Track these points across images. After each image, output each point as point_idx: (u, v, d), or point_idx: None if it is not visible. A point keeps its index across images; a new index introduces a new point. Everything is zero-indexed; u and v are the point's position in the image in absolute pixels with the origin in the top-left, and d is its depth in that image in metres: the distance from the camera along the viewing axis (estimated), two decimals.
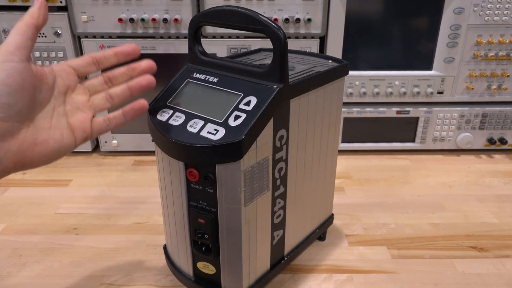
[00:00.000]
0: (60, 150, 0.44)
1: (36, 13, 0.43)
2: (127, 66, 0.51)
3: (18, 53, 0.40)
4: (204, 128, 0.44)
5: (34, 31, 0.43)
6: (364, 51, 0.90)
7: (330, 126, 0.58)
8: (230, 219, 0.46)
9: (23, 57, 0.41)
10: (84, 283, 0.59)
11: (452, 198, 0.80)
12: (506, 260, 0.63)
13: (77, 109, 0.47)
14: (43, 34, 0.86)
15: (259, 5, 0.84)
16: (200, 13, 0.49)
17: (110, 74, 0.51)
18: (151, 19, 0.84)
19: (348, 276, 0.60)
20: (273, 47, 0.44)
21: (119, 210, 0.76)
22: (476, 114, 0.94)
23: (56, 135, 0.44)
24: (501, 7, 0.84)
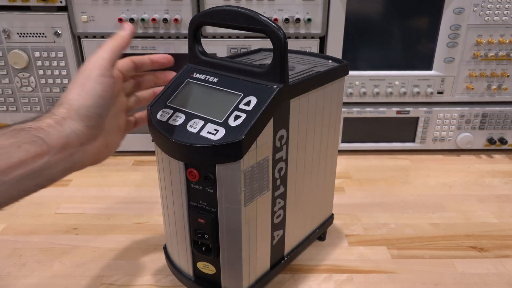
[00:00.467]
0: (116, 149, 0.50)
1: (127, 37, 0.49)
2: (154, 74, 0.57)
3: (111, 69, 0.45)
4: (204, 128, 0.44)
5: (121, 52, 0.48)
6: (364, 51, 0.90)
7: (330, 126, 0.58)
8: (230, 219, 0.46)
9: (113, 73, 0.45)
10: (84, 283, 0.59)
11: (452, 198, 0.80)
12: (506, 260, 0.63)
13: (121, 110, 0.51)
14: (43, 34, 0.86)
15: (259, 5, 0.84)
16: (200, 13, 0.49)
17: (140, 79, 0.56)
18: (151, 19, 0.84)
19: (348, 276, 0.60)
20: (273, 47, 0.44)
21: (119, 210, 0.76)
22: (476, 114, 0.94)
23: (116, 136, 0.50)
24: (501, 7, 0.84)
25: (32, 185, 0.40)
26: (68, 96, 0.43)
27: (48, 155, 0.40)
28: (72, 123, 0.42)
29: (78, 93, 0.43)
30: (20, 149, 0.38)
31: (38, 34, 0.86)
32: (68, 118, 0.42)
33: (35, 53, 0.87)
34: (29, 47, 0.86)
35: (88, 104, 0.43)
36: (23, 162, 0.38)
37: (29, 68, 0.88)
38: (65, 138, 0.41)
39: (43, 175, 0.40)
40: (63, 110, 0.42)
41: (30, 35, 0.86)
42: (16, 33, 0.85)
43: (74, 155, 0.43)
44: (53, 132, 0.41)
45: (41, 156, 0.39)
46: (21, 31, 0.85)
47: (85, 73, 0.44)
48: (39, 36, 0.86)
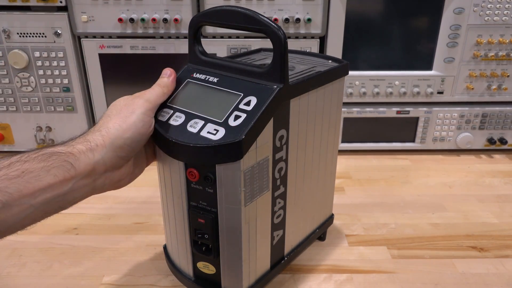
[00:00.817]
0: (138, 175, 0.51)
1: (171, 86, 0.50)
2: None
3: (153, 111, 0.47)
4: (204, 128, 0.44)
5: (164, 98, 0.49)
6: (364, 51, 0.90)
7: (330, 126, 0.58)
8: (230, 219, 0.46)
9: (153, 116, 0.47)
10: (84, 283, 0.59)
11: (452, 198, 0.80)
12: (506, 260, 0.63)
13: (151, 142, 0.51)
14: (43, 34, 0.86)
15: (259, 5, 0.84)
16: (200, 13, 0.49)
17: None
18: (151, 19, 0.84)
19: (348, 276, 0.60)
20: (273, 47, 0.44)
21: (119, 210, 0.76)
22: (476, 114, 0.94)
23: (141, 165, 0.51)
24: (501, 7, 0.84)
25: (55, 207, 0.41)
26: (109, 125, 0.44)
27: (74, 180, 0.41)
28: (104, 151, 0.43)
29: (119, 124, 0.44)
30: (49, 173, 0.40)
31: (38, 34, 0.86)
32: (102, 146, 0.43)
33: (35, 53, 0.87)
34: (29, 47, 0.86)
35: (126, 136, 0.44)
36: (51, 185, 0.40)
37: (29, 68, 0.88)
38: (92, 165, 0.42)
39: (66, 198, 0.42)
40: (98, 137, 0.43)
41: (30, 35, 0.86)
42: (16, 33, 0.85)
43: (97, 180, 0.44)
44: (82, 158, 0.42)
45: (68, 181, 0.41)
46: (21, 31, 0.85)
47: (130, 108, 0.45)
48: (39, 36, 0.86)
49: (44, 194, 0.39)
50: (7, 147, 0.96)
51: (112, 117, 0.45)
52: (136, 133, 0.45)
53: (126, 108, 0.46)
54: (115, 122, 0.44)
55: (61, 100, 0.91)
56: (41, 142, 0.94)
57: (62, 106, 0.92)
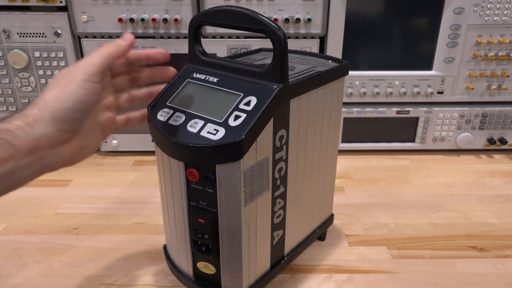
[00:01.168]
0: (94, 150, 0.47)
1: (125, 48, 0.46)
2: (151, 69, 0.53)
3: (98, 75, 0.43)
4: (204, 128, 0.44)
5: (114, 60, 0.45)
6: (364, 51, 0.90)
7: (330, 126, 0.58)
8: (230, 219, 0.46)
9: (100, 80, 0.43)
10: (84, 283, 0.59)
11: (452, 198, 0.80)
12: (506, 260, 0.63)
13: (106, 108, 0.49)
14: (43, 34, 0.86)
15: (259, 5, 0.84)
16: (200, 13, 0.49)
17: (136, 75, 0.52)
18: (151, 19, 0.84)
19: (348, 276, 0.60)
20: (273, 47, 0.44)
21: (119, 210, 0.76)
22: (476, 114, 0.94)
23: (95, 138, 0.47)
24: (501, 7, 0.84)
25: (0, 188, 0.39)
26: (46, 97, 0.41)
27: (15, 159, 0.38)
28: (44, 125, 0.40)
29: (56, 94, 0.41)
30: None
31: (38, 34, 0.86)
32: (40, 120, 0.40)
33: (35, 53, 0.87)
34: (29, 47, 0.86)
35: (65, 107, 0.41)
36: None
37: (29, 68, 0.88)
38: (34, 141, 0.39)
39: (11, 178, 0.39)
40: (36, 111, 0.40)
41: (30, 35, 0.86)
42: (16, 33, 0.85)
43: (44, 158, 0.41)
44: (21, 134, 0.38)
45: (8, 160, 0.38)
46: (21, 31, 0.85)
47: (69, 75, 0.42)
48: (39, 36, 0.86)
49: None
50: None
51: (52, 88, 0.42)
52: (78, 103, 0.41)
53: (65, 76, 0.42)
54: (52, 93, 0.41)
55: None
56: None
57: None
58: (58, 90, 0.41)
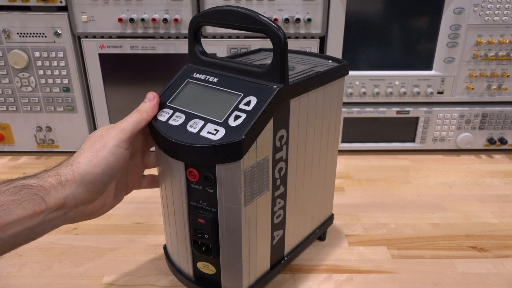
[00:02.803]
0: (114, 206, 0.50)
1: (152, 111, 0.47)
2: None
3: (128, 141, 0.45)
4: (204, 128, 0.44)
5: (144, 125, 0.46)
6: (364, 51, 0.90)
7: (330, 126, 0.58)
8: (230, 219, 0.46)
9: (129, 146, 0.45)
10: (84, 283, 0.59)
11: (452, 198, 0.80)
12: (506, 260, 0.63)
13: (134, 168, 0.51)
14: (43, 34, 0.86)
15: (259, 5, 0.84)
16: (200, 13, 0.49)
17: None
18: (151, 19, 0.84)
19: (348, 276, 0.60)
20: (273, 47, 0.44)
21: (119, 210, 0.75)
22: (476, 114, 0.94)
23: (118, 196, 0.50)
24: (501, 7, 0.84)
25: (24, 239, 0.41)
26: (80, 159, 0.43)
27: (44, 213, 0.41)
28: (74, 186, 0.42)
29: (90, 159, 0.43)
30: (19, 206, 0.39)
31: (38, 34, 0.86)
32: (71, 181, 0.42)
33: (35, 53, 0.87)
34: (29, 47, 0.86)
35: (96, 172, 0.43)
36: (21, 219, 0.39)
37: (29, 68, 0.88)
38: (63, 199, 0.42)
39: (36, 231, 0.41)
40: (69, 172, 0.43)
41: (30, 35, 0.86)
42: (16, 33, 0.85)
43: (67, 214, 0.43)
44: (53, 192, 0.41)
45: (38, 215, 0.40)
46: (21, 31, 0.85)
47: (103, 140, 0.44)
48: (39, 36, 0.86)
49: (13, 228, 0.39)
50: (7, 147, 0.96)
51: (85, 150, 0.44)
52: (108, 168, 0.44)
53: (99, 140, 0.44)
54: (86, 156, 0.43)
55: (61, 100, 0.91)
56: (41, 142, 0.94)
57: (62, 106, 0.92)
58: (91, 155, 0.43)
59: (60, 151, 0.96)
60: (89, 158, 0.43)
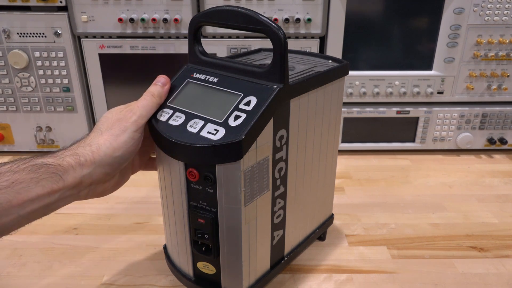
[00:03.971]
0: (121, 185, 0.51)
1: (165, 96, 0.49)
2: None
3: (143, 126, 0.47)
4: (204, 128, 0.44)
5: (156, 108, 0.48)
6: (364, 51, 0.90)
7: (330, 126, 0.58)
8: (230, 219, 0.46)
9: (143, 130, 0.47)
10: (84, 283, 0.59)
11: (452, 198, 0.80)
12: (506, 260, 0.63)
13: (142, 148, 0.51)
14: (43, 34, 0.86)
15: (259, 5, 0.84)
16: (200, 13, 0.49)
17: None
18: (151, 19, 0.84)
19: (348, 276, 0.60)
20: (273, 47, 0.44)
21: (119, 210, 0.76)
22: (476, 114, 0.94)
23: (126, 176, 0.52)
24: (501, 7, 0.84)
25: (40, 214, 0.42)
26: (99, 141, 0.44)
27: (61, 191, 0.42)
28: (93, 167, 0.44)
29: (110, 142, 0.44)
30: (38, 184, 0.40)
31: (38, 34, 0.86)
32: (91, 162, 0.43)
33: (35, 53, 0.87)
34: (29, 47, 0.86)
35: (116, 155, 0.45)
36: (39, 196, 0.41)
37: (29, 68, 0.88)
38: (80, 179, 0.43)
39: (51, 207, 0.43)
40: (89, 153, 0.44)
41: (30, 35, 0.86)
42: (16, 33, 0.85)
43: (81, 191, 0.45)
44: (71, 171, 0.43)
45: (56, 192, 0.42)
46: (21, 31, 0.85)
47: (122, 125, 0.45)
48: (39, 36, 0.86)
49: (32, 205, 0.40)
50: (7, 147, 0.96)
51: (104, 132, 0.45)
52: (127, 152, 0.45)
53: (118, 124, 0.45)
54: (106, 139, 0.44)
55: (61, 100, 0.91)
56: (41, 142, 0.94)
57: (62, 106, 0.92)
58: (111, 138, 0.45)
59: None
60: (109, 141, 0.44)
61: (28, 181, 0.40)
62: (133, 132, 0.45)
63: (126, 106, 0.48)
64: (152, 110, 0.47)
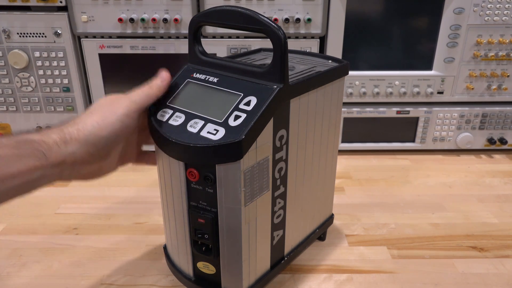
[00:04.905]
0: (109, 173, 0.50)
1: (163, 90, 0.49)
2: None
3: (137, 112, 0.47)
4: (204, 128, 0.44)
5: (153, 101, 0.48)
6: (364, 51, 0.90)
7: (330, 126, 0.58)
8: (230, 219, 0.46)
9: (137, 117, 0.47)
10: (84, 283, 0.59)
11: (452, 198, 0.80)
12: (506, 260, 0.63)
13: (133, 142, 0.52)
14: (43, 34, 0.86)
15: (259, 5, 0.84)
16: (200, 13, 0.49)
17: None
18: (151, 19, 0.84)
19: (348, 276, 0.60)
20: (273, 47, 0.44)
21: (119, 210, 0.76)
22: (476, 114, 0.94)
23: (114, 163, 0.50)
24: (501, 7, 0.84)
25: (21, 191, 0.41)
26: (86, 120, 0.44)
27: (44, 169, 0.41)
28: (77, 146, 0.43)
29: (97, 122, 0.44)
30: (20, 161, 0.40)
31: (38, 34, 0.86)
32: (75, 140, 0.43)
33: (35, 53, 0.87)
34: (29, 47, 0.86)
35: (101, 135, 0.44)
36: (21, 172, 0.40)
37: (29, 68, 0.88)
38: (63, 156, 0.42)
39: (33, 185, 0.42)
40: (73, 130, 0.43)
41: (30, 35, 0.86)
42: (16, 33, 0.85)
43: (64, 171, 0.44)
44: (55, 148, 0.42)
45: (38, 169, 0.41)
46: (21, 31, 0.85)
47: (112, 107, 0.45)
48: (39, 36, 0.86)
49: (13, 181, 0.39)
50: None
51: (93, 113, 0.45)
52: (113, 133, 0.45)
53: (109, 106, 0.46)
54: (93, 119, 0.44)
55: (61, 100, 0.91)
56: None
57: (62, 106, 0.92)
58: (99, 118, 0.44)
59: None
60: (96, 120, 0.44)
61: (9, 156, 0.39)
62: (122, 115, 0.45)
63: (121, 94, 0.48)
64: (148, 99, 0.47)
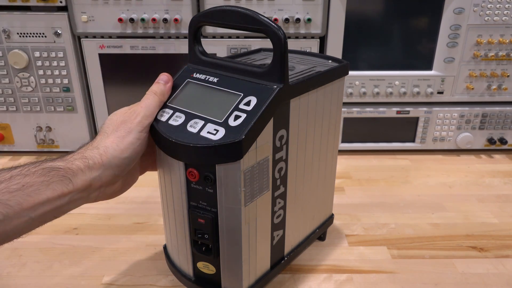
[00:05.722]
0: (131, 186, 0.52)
1: (168, 94, 0.49)
2: None
3: (148, 126, 0.47)
4: (204, 128, 0.44)
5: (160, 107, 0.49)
6: (364, 51, 0.90)
7: (330, 126, 0.58)
8: (230, 219, 0.46)
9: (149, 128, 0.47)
10: (84, 283, 0.59)
11: (452, 198, 0.80)
12: (506, 260, 0.63)
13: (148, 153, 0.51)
14: (43, 34, 0.86)
15: (259, 5, 0.84)
16: (200, 13, 0.49)
17: None
18: (151, 19, 0.84)
19: (348, 276, 0.60)
20: (273, 47, 0.44)
21: (119, 210, 0.76)
22: (476, 114, 0.94)
23: (135, 177, 0.53)
24: (501, 7, 0.84)
25: (51, 217, 0.43)
26: (106, 144, 0.45)
27: (71, 194, 0.43)
28: (102, 170, 0.44)
29: (117, 144, 0.45)
30: (48, 187, 0.41)
31: (38, 34, 0.86)
32: (99, 165, 0.44)
33: (35, 53, 0.87)
34: (29, 47, 0.86)
35: (123, 156, 0.45)
36: (50, 199, 0.41)
37: (29, 68, 0.88)
38: (89, 181, 0.44)
39: (62, 210, 0.44)
40: (96, 156, 0.44)
41: (30, 35, 0.86)
42: (16, 33, 0.85)
43: (91, 194, 0.46)
44: (80, 175, 0.43)
45: (66, 195, 0.43)
46: (21, 31, 0.85)
47: (127, 126, 0.46)
48: (39, 36, 0.86)
49: (43, 207, 0.41)
50: (7, 147, 0.96)
51: (110, 134, 0.46)
52: (134, 152, 0.46)
53: (123, 126, 0.46)
54: (113, 141, 0.45)
55: (61, 100, 0.91)
56: (41, 142, 0.94)
57: (62, 106, 0.92)
58: (118, 140, 0.45)
59: (60, 151, 0.96)
60: (116, 143, 0.45)
61: (38, 184, 0.40)
62: (138, 133, 0.46)
63: (129, 108, 0.48)
64: (156, 109, 0.48)
